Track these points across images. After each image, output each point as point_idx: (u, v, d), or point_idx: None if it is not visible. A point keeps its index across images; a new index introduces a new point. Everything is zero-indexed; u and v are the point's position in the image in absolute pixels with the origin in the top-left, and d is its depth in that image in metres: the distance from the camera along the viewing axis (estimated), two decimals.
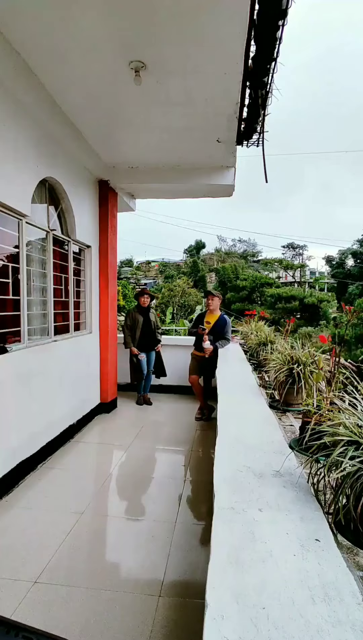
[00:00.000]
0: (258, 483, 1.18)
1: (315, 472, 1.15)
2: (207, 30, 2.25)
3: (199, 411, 4.77)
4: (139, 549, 2.26)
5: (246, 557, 0.84)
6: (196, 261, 30.24)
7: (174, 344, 5.77)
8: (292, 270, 29.95)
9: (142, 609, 1.79)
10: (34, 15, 2.21)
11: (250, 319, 4.86)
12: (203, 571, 1.97)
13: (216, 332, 4.48)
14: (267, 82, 2.66)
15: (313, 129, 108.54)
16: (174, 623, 1.73)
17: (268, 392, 2.63)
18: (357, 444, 1.06)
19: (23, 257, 3.05)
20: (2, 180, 2.66)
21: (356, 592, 0.75)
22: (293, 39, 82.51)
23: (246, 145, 3.67)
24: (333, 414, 1.27)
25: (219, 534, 0.92)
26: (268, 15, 2.06)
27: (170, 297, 17.83)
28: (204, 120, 3.38)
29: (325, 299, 21.16)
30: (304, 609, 0.70)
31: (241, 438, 1.57)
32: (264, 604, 0.71)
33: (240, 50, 2.40)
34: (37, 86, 2.88)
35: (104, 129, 3.65)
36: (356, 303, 16.02)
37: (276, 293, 21.04)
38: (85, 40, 2.40)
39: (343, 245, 36.96)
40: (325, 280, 33.50)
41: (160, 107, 3.20)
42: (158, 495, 2.92)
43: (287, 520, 0.98)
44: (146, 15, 2.17)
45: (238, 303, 22.33)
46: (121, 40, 2.40)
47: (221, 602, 0.71)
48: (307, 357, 2.19)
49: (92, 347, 4.68)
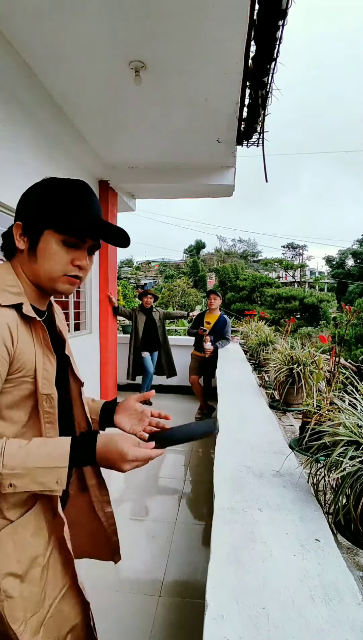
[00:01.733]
0: (258, 483, 1.18)
1: (315, 472, 1.15)
2: (207, 30, 2.25)
3: (199, 411, 4.77)
4: (139, 549, 2.26)
5: (246, 557, 0.84)
6: (196, 261, 30.26)
7: (174, 344, 5.77)
8: (292, 270, 29.96)
9: (142, 609, 1.79)
10: (34, 15, 2.21)
11: (249, 319, 4.86)
12: (203, 571, 1.98)
13: (216, 332, 4.48)
14: (267, 82, 2.66)
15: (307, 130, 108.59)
16: (174, 623, 1.74)
17: (268, 392, 2.63)
18: (357, 444, 1.06)
19: None
20: (2, 180, 2.66)
21: (356, 592, 0.75)
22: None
23: (246, 145, 3.67)
24: (333, 414, 1.26)
25: (219, 534, 0.92)
26: (268, 15, 2.06)
27: (170, 297, 17.84)
28: (204, 120, 3.38)
29: (325, 299, 21.17)
30: (304, 609, 0.70)
31: (241, 438, 1.57)
32: (264, 604, 0.71)
33: (240, 50, 2.40)
34: (37, 86, 2.88)
35: (104, 129, 3.65)
36: (356, 303, 16.02)
37: (276, 293, 21.04)
38: (85, 40, 2.40)
39: (343, 246, 37.01)
40: (325, 280, 33.51)
41: (160, 107, 3.20)
42: (157, 495, 2.92)
43: (287, 520, 0.98)
44: (146, 16, 2.17)
45: (238, 303, 22.32)
46: (121, 40, 2.39)
47: (221, 602, 0.71)
48: (307, 357, 2.19)
49: (92, 347, 4.68)
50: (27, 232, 0.81)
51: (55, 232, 0.79)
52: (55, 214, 0.79)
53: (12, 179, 2.79)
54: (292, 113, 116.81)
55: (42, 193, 0.83)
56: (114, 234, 0.83)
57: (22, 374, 0.77)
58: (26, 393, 0.79)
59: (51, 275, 0.81)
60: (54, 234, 0.79)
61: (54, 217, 0.79)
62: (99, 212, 0.85)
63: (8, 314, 0.75)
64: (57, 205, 0.80)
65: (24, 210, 0.84)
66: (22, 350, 0.77)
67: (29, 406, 0.80)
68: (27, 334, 0.79)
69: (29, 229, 0.81)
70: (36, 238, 0.80)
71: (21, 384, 0.78)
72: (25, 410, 0.80)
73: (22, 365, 0.77)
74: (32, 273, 0.82)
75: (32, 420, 0.81)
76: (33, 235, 0.81)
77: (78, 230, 0.80)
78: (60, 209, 0.79)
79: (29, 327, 0.80)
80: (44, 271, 0.81)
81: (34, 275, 0.82)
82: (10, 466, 0.69)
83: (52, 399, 0.82)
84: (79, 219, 0.79)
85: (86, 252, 0.84)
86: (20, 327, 0.77)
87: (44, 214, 0.80)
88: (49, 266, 0.80)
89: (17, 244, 0.82)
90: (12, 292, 0.78)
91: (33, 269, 0.82)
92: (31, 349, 0.79)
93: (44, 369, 0.81)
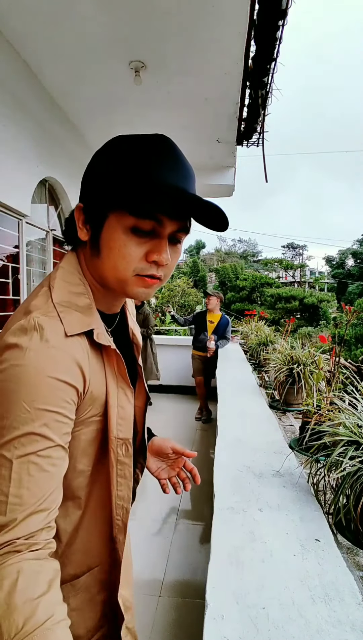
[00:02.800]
0: (258, 483, 1.18)
1: (315, 472, 1.15)
2: (207, 30, 2.25)
3: (199, 411, 4.77)
4: (139, 549, 2.26)
5: (246, 557, 0.84)
6: (196, 261, 30.21)
7: (175, 344, 5.77)
8: (292, 270, 29.95)
9: (142, 609, 1.79)
10: (34, 15, 2.21)
11: (249, 319, 4.85)
12: (203, 571, 1.97)
13: (218, 332, 4.51)
14: (267, 82, 2.66)
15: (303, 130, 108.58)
16: (174, 623, 1.73)
17: (268, 392, 2.63)
18: (357, 444, 1.06)
19: (23, 257, 3.05)
20: (2, 180, 2.66)
21: (356, 592, 0.75)
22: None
23: (246, 145, 3.67)
24: (333, 414, 1.26)
25: (219, 534, 0.92)
26: (268, 15, 2.06)
27: (170, 297, 17.82)
28: (204, 120, 3.38)
29: (325, 299, 21.16)
30: (304, 609, 0.70)
31: (241, 438, 1.57)
32: (264, 604, 0.71)
33: (240, 50, 2.40)
34: (37, 86, 2.88)
35: (105, 128, 3.65)
36: (356, 303, 16.03)
37: (276, 293, 21.03)
38: (85, 40, 2.40)
39: (343, 246, 37.02)
40: (325, 280, 33.51)
41: (160, 107, 3.20)
42: (157, 495, 2.92)
43: (287, 520, 0.98)
44: (146, 16, 2.17)
45: (238, 303, 22.31)
46: (121, 40, 2.39)
47: (221, 602, 0.71)
48: (307, 357, 2.19)
49: None
50: (89, 217, 0.59)
51: (121, 215, 0.55)
52: (119, 187, 0.54)
53: (13, 179, 2.79)
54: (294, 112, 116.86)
55: (104, 160, 0.58)
56: (206, 210, 0.54)
57: (91, 414, 0.60)
58: (92, 436, 0.62)
59: (118, 275, 0.58)
60: (120, 218, 0.55)
61: (119, 192, 0.54)
62: (187, 180, 0.57)
63: (76, 346, 0.56)
64: (123, 174, 0.54)
65: (85, 187, 0.61)
66: (92, 383, 0.58)
67: (94, 453, 0.63)
68: (98, 361, 0.61)
69: (90, 212, 0.59)
70: (99, 225, 0.57)
71: (89, 425, 0.60)
72: (89, 458, 0.63)
73: (92, 402, 0.59)
74: (97, 271, 0.61)
75: (97, 471, 0.64)
76: (95, 221, 0.58)
77: (151, 207, 0.53)
78: (126, 179, 0.53)
79: (99, 352, 0.61)
80: (109, 269, 0.58)
81: (99, 274, 0.61)
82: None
83: (129, 445, 0.65)
84: (153, 190, 0.52)
85: (166, 242, 0.57)
86: (90, 357, 0.58)
87: (106, 189, 0.56)
88: (115, 263, 0.57)
89: (78, 233, 0.60)
90: (79, 306, 0.58)
91: (97, 266, 0.61)
92: (102, 381, 0.61)
93: (119, 405, 0.63)
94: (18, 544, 0.46)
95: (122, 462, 0.65)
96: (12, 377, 0.49)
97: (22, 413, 0.48)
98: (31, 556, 0.46)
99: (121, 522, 0.68)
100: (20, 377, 0.49)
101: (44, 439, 0.49)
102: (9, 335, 0.52)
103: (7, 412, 0.48)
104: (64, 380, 0.52)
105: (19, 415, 0.48)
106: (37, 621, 0.41)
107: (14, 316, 0.57)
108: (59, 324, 0.54)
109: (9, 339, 0.51)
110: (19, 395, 0.48)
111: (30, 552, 0.47)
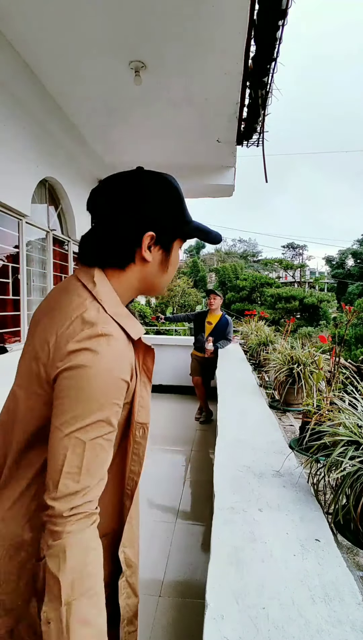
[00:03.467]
0: (258, 483, 1.18)
1: (315, 472, 1.15)
2: (207, 30, 2.25)
3: (198, 411, 4.77)
4: (139, 549, 2.26)
5: (246, 557, 0.84)
6: (196, 261, 30.23)
7: (174, 344, 5.77)
8: (292, 270, 29.95)
9: (142, 609, 1.79)
10: (34, 16, 2.21)
11: (250, 319, 4.85)
12: (203, 571, 1.97)
13: (217, 333, 4.47)
14: (267, 82, 2.66)
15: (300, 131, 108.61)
16: (174, 623, 1.73)
17: (268, 392, 2.63)
18: (357, 444, 1.06)
19: (23, 257, 3.05)
20: (2, 180, 2.66)
21: (356, 592, 0.75)
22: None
23: (246, 145, 3.67)
24: (333, 414, 1.26)
25: (219, 534, 0.92)
26: (268, 15, 2.06)
27: (170, 297, 17.81)
28: (204, 120, 3.38)
29: (325, 299, 21.17)
30: (304, 609, 0.70)
31: (241, 438, 1.57)
32: (264, 604, 0.71)
33: (240, 50, 2.40)
34: (37, 86, 2.88)
35: (105, 128, 3.65)
36: (356, 303, 16.03)
37: (276, 293, 21.04)
38: (85, 40, 2.40)
39: (343, 246, 37.02)
40: (325, 280, 33.50)
41: (160, 107, 3.20)
42: (157, 495, 2.92)
43: (287, 520, 0.98)
44: (146, 15, 2.17)
45: (238, 303, 22.31)
46: (121, 40, 2.40)
47: (221, 602, 0.71)
48: (307, 357, 2.19)
49: None
50: (162, 243, 0.74)
51: (179, 241, 0.78)
52: (184, 221, 0.76)
53: (13, 179, 2.79)
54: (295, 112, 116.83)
55: (166, 202, 0.74)
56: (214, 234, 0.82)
57: (126, 401, 0.70)
58: (122, 419, 0.72)
59: (168, 282, 0.78)
60: (179, 241, 0.78)
61: (183, 227, 0.76)
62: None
63: (130, 349, 0.69)
64: (181, 215, 0.76)
65: (153, 217, 0.72)
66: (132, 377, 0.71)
67: (119, 434, 0.73)
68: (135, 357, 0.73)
69: (162, 240, 0.74)
70: (169, 248, 0.76)
71: (123, 410, 0.71)
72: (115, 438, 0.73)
73: (129, 392, 0.70)
74: (149, 283, 0.75)
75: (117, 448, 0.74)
76: (167, 246, 0.75)
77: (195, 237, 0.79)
78: (185, 218, 0.76)
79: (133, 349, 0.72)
80: (168, 280, 0.78)
81: (148, 286, 0.76)
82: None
83: (146, 429, 0.78)
84: (197, 227, 0.78)
85: None
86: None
87: (176, 221, 0.75)
88: (172, 274, 0.78)
89: (143, 254, 0.71)
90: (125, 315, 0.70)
91: (152, 279, 0.75)
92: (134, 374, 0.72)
93: (140, 395, 0.75)
94: (90, 512, 0.58)
95: (138, 442, 0.77)
96: (85, 376, 0.60)
97: (94, 405, 0.60)
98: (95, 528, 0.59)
99: (129, 491, 0.79)
100: (92, 376, 0.60)
101: (108, 426, 0.62)
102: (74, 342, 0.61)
103: (83, 404, 0.59)
104: (124, 378, 0.64)
105: (92, 406, 0.60)
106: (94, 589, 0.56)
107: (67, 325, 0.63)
108: (120, 332, 0.66)
109: (83, 344, 0.61)
110: (91, 390, 0.60)
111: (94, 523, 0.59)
